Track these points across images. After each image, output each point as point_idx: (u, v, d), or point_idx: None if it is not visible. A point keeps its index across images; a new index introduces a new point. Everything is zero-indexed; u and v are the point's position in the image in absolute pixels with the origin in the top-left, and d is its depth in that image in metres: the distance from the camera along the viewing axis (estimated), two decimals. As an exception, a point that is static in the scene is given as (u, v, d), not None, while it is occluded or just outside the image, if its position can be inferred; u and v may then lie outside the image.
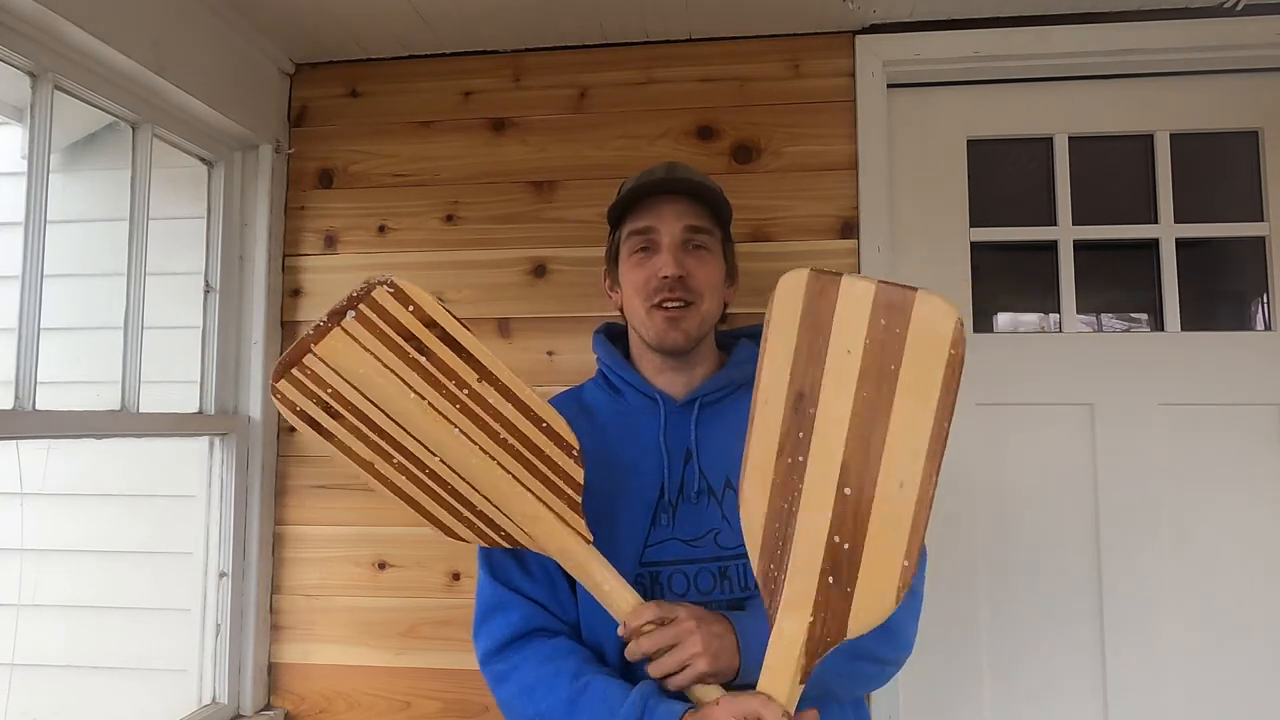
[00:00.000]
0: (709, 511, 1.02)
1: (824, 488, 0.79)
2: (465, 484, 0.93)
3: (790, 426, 0.81)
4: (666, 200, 1.08)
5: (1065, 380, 1.59)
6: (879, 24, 1.61)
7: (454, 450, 0.92)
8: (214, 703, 1.58)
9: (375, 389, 0.91)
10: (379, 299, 0.91)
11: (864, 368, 0.77)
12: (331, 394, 0.91)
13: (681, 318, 1.05)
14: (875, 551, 0.77)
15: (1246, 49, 1.55)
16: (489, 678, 1.02)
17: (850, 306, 0.78)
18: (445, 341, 0.91)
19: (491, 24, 1.61)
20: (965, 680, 1.57)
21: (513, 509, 0.94)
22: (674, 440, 1.06)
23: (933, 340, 0.75)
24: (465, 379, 0.92)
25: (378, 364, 0.90)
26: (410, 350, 0.91)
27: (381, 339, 0.91)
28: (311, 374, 0.91)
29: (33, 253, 1.23)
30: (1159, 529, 1.55)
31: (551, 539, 0.94)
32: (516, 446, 0.92)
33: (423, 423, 0.91)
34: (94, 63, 1.31)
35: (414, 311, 0.91)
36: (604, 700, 0.91)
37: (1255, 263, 1.60)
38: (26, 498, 1.83)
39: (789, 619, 0.81)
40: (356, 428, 0.91)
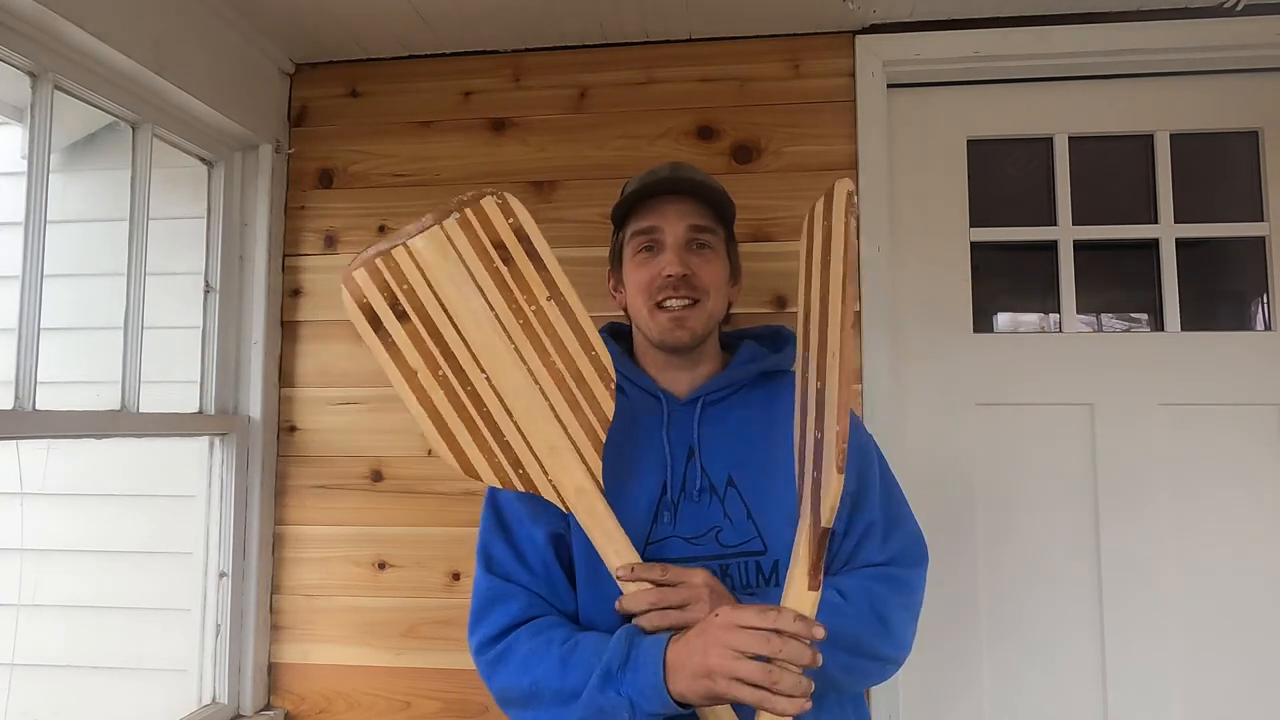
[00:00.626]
0: (711, 509, 1.03)
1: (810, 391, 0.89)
2: (501, 406, 0.95)
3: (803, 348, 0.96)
4: (670, 200, 1.08)
5: (1065, 380, 1.59)
6: (879, 24, 1.61)
7: (503, 364, 0.95)
8: (214, 703, 1.58)
9: (450, 293, 0.94)
10: (485, 206, 0.97)
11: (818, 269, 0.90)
12: (405, 291, 0.94)
13: (686, 316, 1.05)
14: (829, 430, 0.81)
15: (1246, 49, 1.55)
16: (483, 667, 1.01)
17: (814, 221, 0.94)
18: (530, 255, 0.96)
19: (491, 24, 1.61)
20: (965, 680, 1.57)
21: (538, 437, 0.95)
22: (677, 438, 1.06)
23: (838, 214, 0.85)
24: (536, 294, 0.96)
25: (462, 267, 0.95)
26: (496, 258, 0.95)
27: (474, 243, 0.96)
28: (394, 267, 0.94)
29: (33, 253, 1.24)
30: (1159, 529, 1.55)
31: (568, 475, 0.95)
32: (560, 370, 0.96)
33: (484, 333, 0.95)
34: (94, 63, 1.31)
35: (512, 223, 0.97)
36: (593, 651, 0.91)
37: (1255, 263, 1.60)
38: (26, 498, 1.83)
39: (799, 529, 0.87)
40: (415, 331, 0.94)
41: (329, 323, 1.71)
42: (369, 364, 1.68)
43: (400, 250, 0.94)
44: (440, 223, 0.95)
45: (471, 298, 0.95)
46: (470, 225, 0.96)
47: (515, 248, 0.96)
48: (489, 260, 0.95)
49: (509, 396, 0.95)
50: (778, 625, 0.80)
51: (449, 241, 0.95)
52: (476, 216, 0.96)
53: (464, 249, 0.95)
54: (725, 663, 0.81)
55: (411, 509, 1.64)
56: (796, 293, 1.01)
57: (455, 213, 0.96)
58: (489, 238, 0.96)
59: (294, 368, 1.71)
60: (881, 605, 0.99)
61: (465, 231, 0.96)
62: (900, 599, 1.03)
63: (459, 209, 0.96)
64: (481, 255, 0.95)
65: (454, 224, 0.95)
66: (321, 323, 1.71)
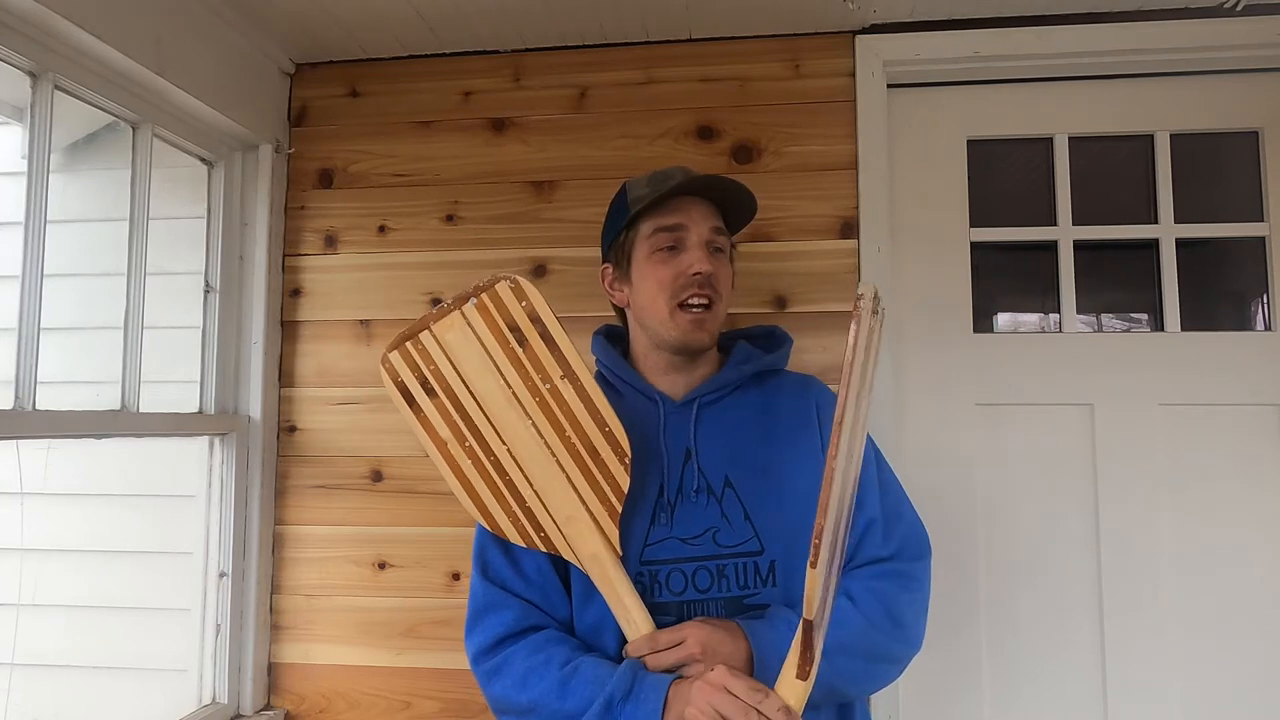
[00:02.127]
0: (708, 510, 1.03)
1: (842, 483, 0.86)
2: (522, 476, 1.01)
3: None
4: (696, 201, 1.09)
5: (1065, 380, 1.59)
6: (879, 24, 1.61)
7: (521, 440, 1.01)
8: (214, 703, 1.58)
9: (471, 371, 1.01)
10: (500, 291, 1.02)
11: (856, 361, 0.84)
12: (433, 371, 1.01)
13: (705, 318, 1.06)
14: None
15: (1246, 49, 1.55)
16: (480, 676, 1.02)
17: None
18: (544, 337, 1.01)
19: (491, 24, 1.61)
20: (965, 680, 1.57)
21: (557, 508, 1.00)
22: (673, 440, 1.06)
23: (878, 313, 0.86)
24: (550, 374, 1.01)
25: (481, 349, 1.01)
26: (512, 340, 1.01)
27: (491, 327, 1.02)
28: (422, 349, 1.02)
29: (33, 253, 1.24)
30: (1159, 529, 1.55)
31: (585, 543, 0.99)
32: (576, 445, 1.00)
33: (502, 409, 1.01)
34: (94, 63, 1.31)
35: (525, 306, 1.02)
36: (594, 679, 0.93)
37: (1255, 263, 1.60)
38: (26, 498, 1.83)
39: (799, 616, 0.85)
40: (444, 407, 1.01)
41: (329, 323, 1.71)
42: (369, 364, 1.69)
43: (427, 335, 1.02)
44: (460, 308, 1.02)
45: (491, 377, 1.01)
46: (487, 309, 1.02)
47: (529, 330, 1.01)
48: (505, 342, 1.01)
49: (528, 467, 1.01)
50: (761, 708, 0.83)
51: (469, 325, 1.01)
52: (492, 301, 1.02)
53: (482, 332, 1.01)
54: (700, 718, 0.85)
55: (411, 509, 1.64)
56: None
57: (473, 298, 1.02)
58: (504, 320, 1.01)
59: (294, 368, 1.71)
60: (892, 604, 1.00)
61: (483, 315, 1.02)
62: (909, 595, 1.03)
63: (476, 294, 1.02)
64: (498, 337, 1.01)
65: (472, 309, 1.02)
66: (321, 323, 1.71)
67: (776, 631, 0.94)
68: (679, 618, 1.00)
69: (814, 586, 0.78)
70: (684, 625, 0.96)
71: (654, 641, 0.95)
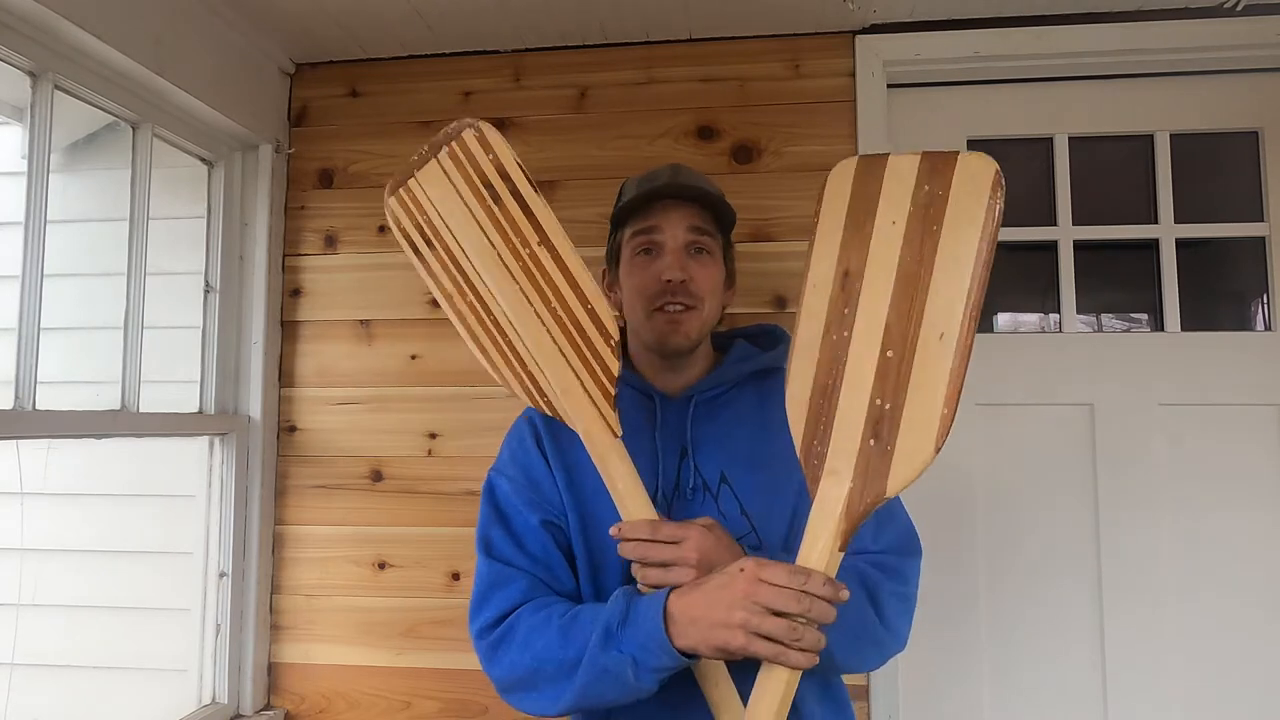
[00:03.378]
0: (705, 508, 1.02)
1: (867, 355, 0.81)
2: (519, 338, 0.96)
3: (836, 304, 0.83)
4: (672, 204, 1.08)
5: (1065, 380, 1.59)
6: (879, 24, 1.61)
7: (514, 304, 0.95)
8: (214, 703, 1.58)
9: (459, 228, 0.95)
10: (466, 140, 0.95)
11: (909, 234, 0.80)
12: (425, 221, 0.96)
13: (682, 321, 1.05)
14: (916, 405, 0.78)
15: (1246, 49, 1.55)
16: (485, 651, 0.99)
17: (896, 180, 0.81)
18: (514, 196, 0.94)
19: (491, 24, 1.61)
20: (965, 679, 1.57)
21: (553, 376, 0.96)
22: (669, 438, 1.06)
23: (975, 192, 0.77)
24: (528, 237, 0.94)
25: (461, 203, 0.95)
26: (487, 197, 0.94)
27: (466, 180, 0.95)
28: (412, 198, 0.97)
29: (33, 253, 1.24)
30: (1159, 528, 1.55)
31: (580, 416, 0.95)
32: (562, 318, 0.94)
33: (493, 271, 0.95)
34: (94, 62, 1.31)
35: (492, 160, 0.94)
36: (591, 619, 0.90)
37: (1255, 263, 1.60)
38: (26, 498, 1.83)
39: (830, 485, 0.82)
40: (443, 259, 0.96)
41: (329, 323, 1.71)
42: (369, 364, 1.69)
43: (413, 182, 0.96)
44: (435, 156, 0.95)
45: (476, 235, 0.95)
46: (459, 160, 0.95)
47: (500, 187, 0.94)
48: (481, 199, 0.95)
49: (523, 332, 0.96)
50: (807, 588, 0.79)
51: (446, 176, 0.95)
52: (461, 151, 0.95)
53: (460, 184, 0.95)
54: (750, 617, 0.80)
55: (411, 509, 1.64)
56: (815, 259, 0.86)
57: (445, 145, 0.95)
58: (476, 175, 0.95)
59: (294, 368, 1.71)
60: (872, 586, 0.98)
61: (457, 166, 0.95)
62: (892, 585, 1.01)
63: (446, 141, 0.95)
64: (475, 193, 0.95)
65: (446, 158, 0.95)
66: (321, 323, 1.71)
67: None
68: None
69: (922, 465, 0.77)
70: (688, 524, 0.91)
71: (654, 529, 0.91)
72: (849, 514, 0.81)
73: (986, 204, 0.76)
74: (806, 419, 0.83)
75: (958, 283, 0.78)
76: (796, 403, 0.84)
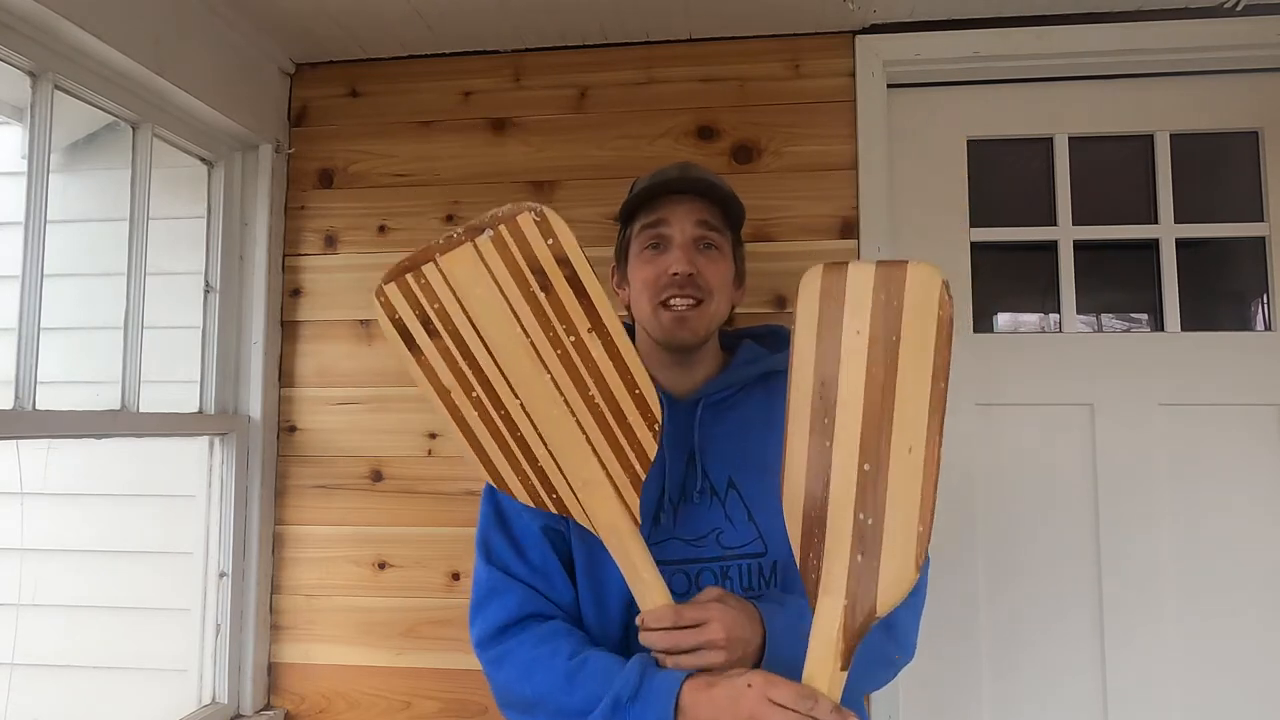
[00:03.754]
0: (712, 511, 1.02)
1: (848, 467, 0.81)
2: (535, 434, 0.91)
3: (817, 413, 0.84)
4: (680, 199, 1.07)
5: (1065, 380, 1.59)
6: (879, 24, 1.61)
7: (539, 395, 0.90)
8: (214, 703, 1.58)
9: (483, 315, 0.89)
10: (522, 224, 0.89)
11: (870, 344, 0.81)
12: (437, 309, 0.90)
13: (689, 316, 1.04)
14: (894, 520, 0.79)
15: (1246, 49, 1.55)
16: (485, 663, 1.01)
17: (857, 289, 0.82)
18: (570, 282, 0.89)
19: (491, 24, 1.61)
20: (965, 680, 1.57)
21: (574, 471, 0.92)
22: (677, 440, 1.06)
23: (924, 303, 0.78)
24: (577, 325, 0.90)
25: (495, 290, 0.89)
26: (533, 283, 0.89)
27: (509, 265, 0.89)
28: (425, 284, 0.89)
29: (33, 253, 1.24)
30: (1159, 529, 1.55)
31: (603, 511, 0.92)
32: (600, 406, 0.90)
33: (518, 360, 0.90)
34: (94, 62, 1.31)
35: (551, 245, 0.89)
36: (602, 673, 0.91)
37: (1255, 263, 1.60)
38: (26, 498, 1.83)
39: (827, 605, 0.82)
40: (448, 350, 0.90)
41: (329, 323, 1.71)
42: (369, 364, 1.68)
43: (431, 268, 0.89)
44: (473, 240, 0.89)
45: (505, 323, 0.89)
46: (505, 245, 0.89)
47: (555, 273, 0.89)
48: (525, 285, 0.89)
49: (543, 425, 0.91)
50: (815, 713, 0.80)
51: (481, 261, 0.89)
52: (512, 234, 0.88)
53: (498, 271, 0.89)
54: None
55: (411, 509, 1.64)
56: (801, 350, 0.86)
57: (489, 229, 0.89)
58: (526, 261, 0.89)
59: (294, 368, 1.71)
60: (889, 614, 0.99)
61: (500, 251, 0.89)
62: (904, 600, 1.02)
63: (493, 225, 0.89)
64: (518, 278, 0.89)
65: (487, 242, 0.89)
66: (321, 323, 1.71)
67: (789, 616, 0.93)
68: None
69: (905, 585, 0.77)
70: (708, 605, 0.91)
71: (678, 616, 0.90)
72: (846, 634, 0.81)
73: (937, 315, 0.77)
74: (802, 531, 0.84)
75: (920, 395, 0.78)
76: (792, 514, 0.85)
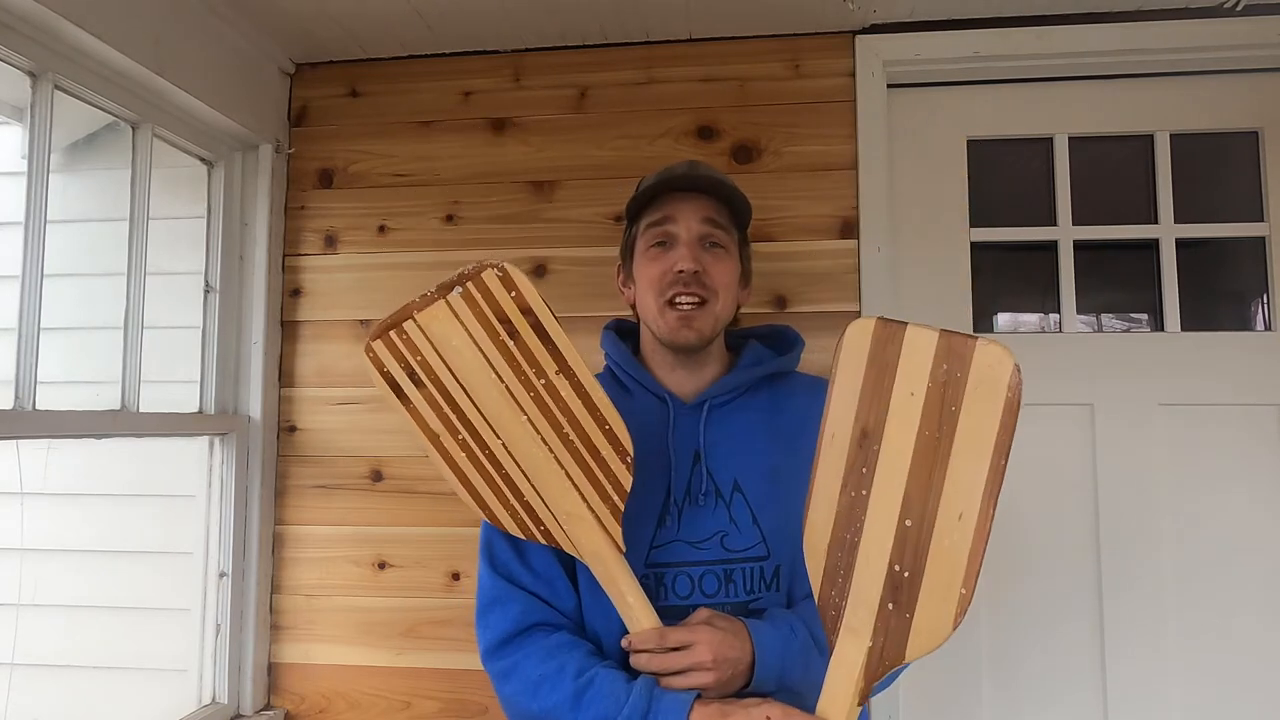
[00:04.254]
0: (716, 514, 1.02)
1: (886, 519, 0.83)
2: (519, 471, 0.97)
3: (855, 462, 0.85)
4: (687, 196, 1.07)
5: (1065, 380, 1.59)
6: (879, 24, 1.61)
7: (517, 436, 0.96)
8: (214, 703, 1.58)
9: (461, 364, 0.96)
10: (486, 280, 0.96)
11: (926, 409, 0.81)
12: (420, 362, 0.96)
13: (695, 316, 1.04)
14: (934, 578, 0.80)
15: (1246, 49, 1.55)
16: (492, 674, 1.01)
17: (914, 353, 0.83)
18: (535, 330, 0.96)
19: (491, 24, 1.61)
20: (965, 680, 1.57)
21: (557, 504, 0.97)
22: (682, 442, 1.06)
23: (992, 384, 0.79)
24: (545, 368, 0.96)
25: (469, 340, 0.96)
26: (502, 332, 0.96)
27: (479, 318, 0.96)
28: (407, 339, 0.96)
29: (33, 253, 1.23)
30: (1159, 529, 1.55)
31: (587, 541, 0.97)
32: (575, 443, 0.96)
33: (495, 404, 0.96)
34: (94, 62, 1.31)
35: (515, 297, 0.96)
36: (609, 694, 0.91)
37: (1255, 263, 1.60)
38: (26, 498, 1.83)
39: (849, 644, 0.84)
40: (434, 398, 0.96)
41: (329, 323, 1.71)
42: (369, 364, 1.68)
43: (411, 324, 0.97)
44: (445, 297, 0.96)
45: (481, 370, 0.96)
46: (474, 299, 0.96)
47: (520, 322, 0.96)
48: (495, 334, 0.96)
49: (525, 463, 0.97)
50: None
51: (455, 315, 0.96)
52: (479, 290, 0.96)
53: (469, 323, 0.96)
54: None
55: (411, 509, 1.64)
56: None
57: (459, 286, 0.96)
58: (493, 312, 0.96)
59: (294, 368, 1.71)
60: None
61: (470, 305, 0.96)
62: None
63: (461, 283, 0.96)
64: (487, 329, 0.96)
65: (458, 298, 0.96)
66: (321, 323, 1.71)
67: (779, 633, 0.94)
68: None
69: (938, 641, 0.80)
70: (695, 627, 0.93)
71: (662, 638, 0.93)
72: (868, 674, 0.82)
73: (1005, 397, 0.78)
74: (825, 569, 0.85)
75: (977, 467, 0.79)
76: (815, 552, 0.86)
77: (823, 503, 0.86)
